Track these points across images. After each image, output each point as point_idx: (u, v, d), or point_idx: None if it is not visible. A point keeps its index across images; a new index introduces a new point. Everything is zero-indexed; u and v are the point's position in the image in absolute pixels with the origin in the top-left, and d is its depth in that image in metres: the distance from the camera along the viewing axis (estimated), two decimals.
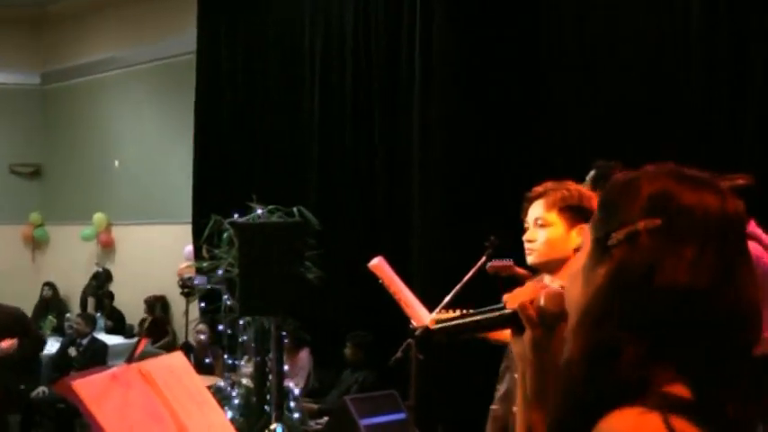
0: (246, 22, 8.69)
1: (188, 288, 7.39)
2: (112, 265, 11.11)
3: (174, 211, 9.80)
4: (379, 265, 3.97)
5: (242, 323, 6.22)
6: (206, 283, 6.85)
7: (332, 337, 7.23)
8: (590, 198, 2.72)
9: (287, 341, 6.50)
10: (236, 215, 6.31)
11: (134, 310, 10.10)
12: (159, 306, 9.85)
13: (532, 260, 2.79)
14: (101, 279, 10.87)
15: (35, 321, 9.68)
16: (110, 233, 11.12)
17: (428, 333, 3.75)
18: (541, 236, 2.73)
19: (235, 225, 6.08)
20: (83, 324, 8.25)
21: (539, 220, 2.75)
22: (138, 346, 8.73)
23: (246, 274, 5.14)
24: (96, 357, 7.98)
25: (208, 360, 7.57)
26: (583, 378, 1.08)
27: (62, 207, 11.65)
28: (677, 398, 1.04)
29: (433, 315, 3.77)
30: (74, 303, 11.05)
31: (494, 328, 1.57)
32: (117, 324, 10.16)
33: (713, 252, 1.07)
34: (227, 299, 6.32)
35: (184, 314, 7.55)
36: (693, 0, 5.58)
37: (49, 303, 10.91)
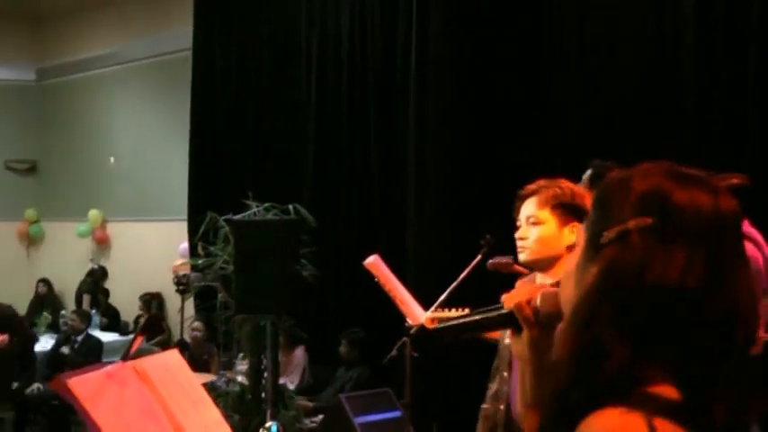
0: (242, 20, 8.68)
1: (183, 285, 7.38)
2: (108, 261, 11.10)
3: (170, 207, 9.79)
4: (375, 263, 3.98)
5: (237, 320, 6.22)
6: (201, 280, 6.86)
7: (327, 335, 7.23)
8: (582, 196, 2.70)
9: (282, 338, 6.51)
10: (231, 212, 6.31)
11: (129, 307, 10.10)
12: (155, 303, 9.86)
13: (524, 258, 2.76)
14: (96, 276, 10.86)
15: (30, 318, 9.69)
16: (105, 230, 11.11)
17: (424, 331, 3.76)
18: (533, 233, 2.71)
19: (230, 222, 6.08)
20: (78, 321, 8.23)
21: (531, 217, 2.72)
22: (134, 343, 8.71)
23: (242, 271, 5.15)
24: (91, 354, 7.96)
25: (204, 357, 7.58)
26: (571, 378, 1.07)
27: (57, 203, 11.63)
28: (663, 398, 1.03)
29: (428, 313, 3.77)
30: (69, 300, 11.02)
31: (493, 328, 1.57)
32: (112, 321, 10.13)
33: (705, 252, 1.06)
34: (222, 296, 6.32)
35: (180, 311, 7.52)
36: (693, 0, 5.58)
37: (44, 300, 10.90)
